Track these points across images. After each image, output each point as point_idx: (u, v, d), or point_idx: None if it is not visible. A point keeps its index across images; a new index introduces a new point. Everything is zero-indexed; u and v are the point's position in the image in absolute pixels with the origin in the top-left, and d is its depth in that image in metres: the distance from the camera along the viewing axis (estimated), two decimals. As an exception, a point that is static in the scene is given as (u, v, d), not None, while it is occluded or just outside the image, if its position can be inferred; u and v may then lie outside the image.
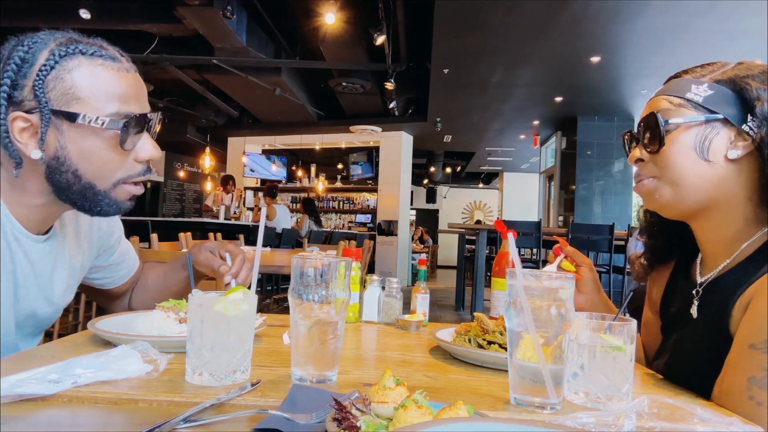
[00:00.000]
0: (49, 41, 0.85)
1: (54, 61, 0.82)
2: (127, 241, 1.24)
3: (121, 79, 0.87)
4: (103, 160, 0.86)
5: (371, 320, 1.26)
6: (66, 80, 0.82)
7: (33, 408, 0.58)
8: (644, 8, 4.66)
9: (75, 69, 0.83)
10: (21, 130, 0.82)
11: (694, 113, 0.83)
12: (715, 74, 0.84)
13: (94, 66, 0.85)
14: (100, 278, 1.17)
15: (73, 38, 0.87)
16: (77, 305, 2.68)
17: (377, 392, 0.56)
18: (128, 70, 0.89)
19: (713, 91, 0.82)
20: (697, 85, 0.84)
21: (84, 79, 0.83)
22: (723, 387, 0.75)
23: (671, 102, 0.85)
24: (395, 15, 5.75)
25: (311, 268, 0.74)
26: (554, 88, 7.17)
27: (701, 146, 0.82)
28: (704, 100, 0.82)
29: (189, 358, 0.72)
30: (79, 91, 0.83)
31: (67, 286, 1.02)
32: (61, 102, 0.82)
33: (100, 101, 0.84)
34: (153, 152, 0.91)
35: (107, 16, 5.73)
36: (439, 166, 13.83)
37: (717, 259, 0.87)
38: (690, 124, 0.83)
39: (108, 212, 0.91)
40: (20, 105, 0.82)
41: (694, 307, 0.88)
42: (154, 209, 12.35)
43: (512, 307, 0.70)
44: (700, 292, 0.88)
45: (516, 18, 5.02)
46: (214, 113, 9.84)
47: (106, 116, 0.84)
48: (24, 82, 0.81)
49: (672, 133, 0.84)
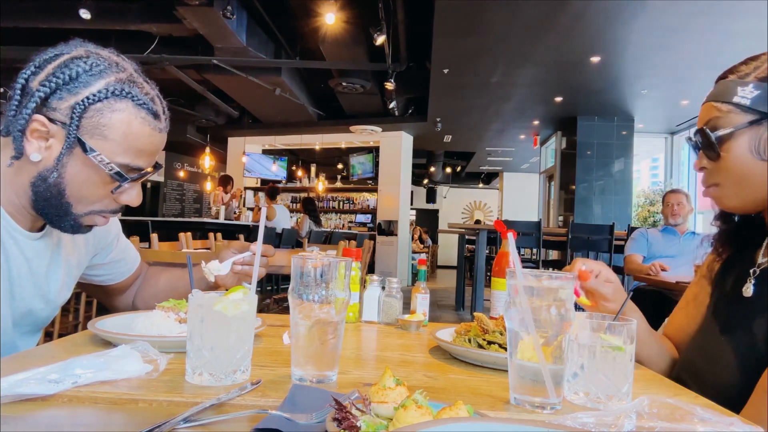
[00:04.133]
0: (110, 73, 0.86)
1: (105, 95, 0.83)
2: (126, 238, 1.24)
3: (151, 138, 0.90)
4: (91, 191, 0.88)
5: (371, 320, 1.26)
6: (105, 117, 0.84)
7: (33, 408, 0.58)
8: (644, 8, 4.66)
9: (118, 111, 0.85)
10: (33, 131, 0.83)
11: (743, 117, 0.83)
12: (760, 71, 0.84)
13: (136, 117, 0.87)
14: (101, 275, 1.18)
15: (133, 78, 0.88)
16: (77, 305, 2.68)
17: (377, 392, 0.56)
18: (162, 130, 0.92)
19: (759, 91, 0.82)
20: (742, 87, 0.84)
21: (120, 124, 0.85)
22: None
23: (720, 109, 0.86)
24: (395, 15, 5.75)
25: (311, 268, 0.74)
26: (554, 88, 7.17)
27: (757, 148, 0.83)
28: (752, 102, 0.82)
29: (189, 358, 0.72)
30: (110, 132, 0.85)
31: (64, 284, 1.02)
32: (90, 133, 0.84)
33: (121, 149, 0.86)
34: (134, 201, 0.93)
35: (107, 16, 5.73)
36: (439, 166, 13.83)
37: None
38: (742, 130, 0.83)
39: (65, 230, 0.92)
40: (50, 111, 0.83)
41: (748, 287, 0.88)
42: (154, 209, 12.35)
43: (512, 307, 0.70)
44: (757, 272, 0.88)
45: (516, 18, 5.02)
46: (214, 113, 9.83)
47: (116, 164, 0.86)
48: (67, 96, 0.83)
49: (726, 143, 0.85)
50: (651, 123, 8.39)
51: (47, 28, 5.95)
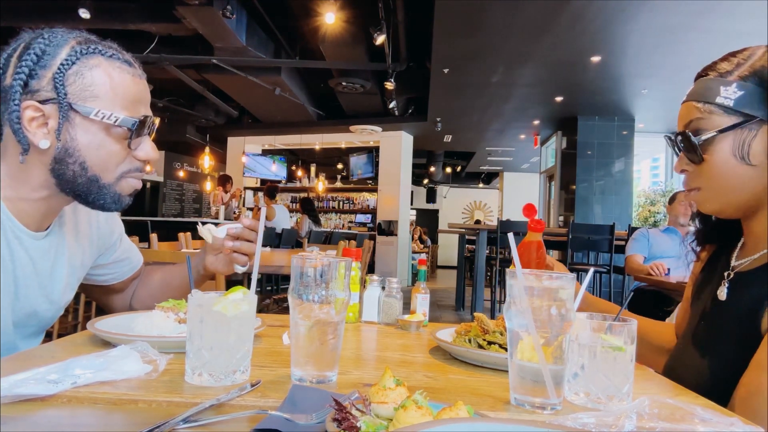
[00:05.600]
0: (69, 38, 0.87)
1: (75, 57, 0.85)
2: (129, 239, 1.24)
3: (135, 84, 0.91)
4: (108, 153, 0.89)
5: (371, 320, 1.26)
6: (86, 77, 0.85)
7: (33, 408, 0.58)
8: (644, 8, 4.66)
9: (95, 67, 0.86)
10: (31, 119, 0.84)
11: (726, 119, 0.80)
12: (743, 69, 0.81)
13: (112, 67, 0.88)
14: (104, 274, 1.18)
15: (90, 38, 0.90)
16: (77, 305, 2.68)
17: (377, 392, 0.56)
18: (140, 76, 0.94)
19: (743, 92, 0.79)
20: (725, 87, 0.80)
21: (103, 78, 0.87)
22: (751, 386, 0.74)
23: (702, 110, 0.83)
24: (395, 15, 5.75)
25: (311, 268, 0.74)
26: (554, 88, 7.17)
27: (741, 151, 0.80)
28: (735, 103, 0.79)
29: (189, 358, 0.72)
30: (98, 88, 0.86)
31: (67, 284, 1.02)
32: (79, 97, 0.85)
33: (116, 101, 0.88)
34: (152, 153, 0.95)
35: (107, 16, 5.73)
36: (439, 166, 13.83)
37: (757, 248, 0.86)
38: (726, 133, 0.80)
39: (109, 206, 0.93)
40: (35, 94, 0.84)
41: (723, 290, 0.87)
42: (154, 209, 12.35)
43: (512, 307, 0.70)
44: (731, 275, 0.87)
45: (516, 18, 5.02)
46: (214, 113, 9.83)
47: (119, 115, 0.87)
48: (43, 73, 0.83)
49: (709, 146, 0.82)
50: (651, 123, 8.38)
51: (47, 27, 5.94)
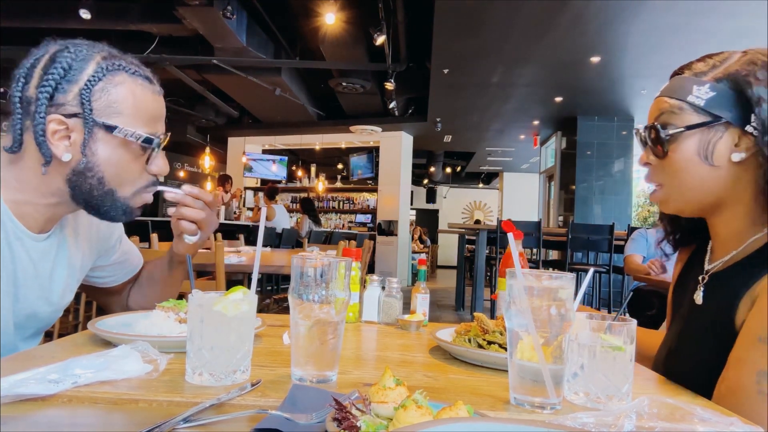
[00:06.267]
0: (93, 53, 0.89)
1: (102, 73, 0.87)
2: (129, 241, 1.24)
3: (154, 101, 0.94)
4: (127, 169, 0.92)
5: (371, 320, 1.26)
6: (111, 93, 0.88)
7: (33, 408, 0.58)
8: (644, 8, 4.66)
9: (119, 84, 0.89)
10: (54, 132, 0.85)
11: (696, 117, 0.81)
12: (717, 71, 0.82)
13: (135, 85, 0.91)
14: (103, 276, 1.18)
15: (114, 54, 0.92)
16: (77, 305, 2.68)
17: (377, 392, 0.56)
18: (159, 92, 0.96)
19: (715, 93, 0.80)
20: (698, 86, 0.81)
21: (126, 95, 0.89)
22: (729, 383, 0.74)
23: (673, 105, 0.84)
24: (395, 15, 5.75)
25: (311, 268, 0.74)
26: (554, 88, 7.17)
27: (705, 151, 0.81)
28: (706, 104, 0.80)
29: (189, 358, 0.72)
30: (120, 106, 0.88)
31: (66, 286, 1.02)
32: (104, 113, 0.87)
33: (137, 118, 0.90)
34: (164, 168, 0.98)
35: (107, 16, 5.73)
36: (439, 166, 13.82)
37: (726, 249, 0.86)
38: (693, 131, 0.81)
39: (119, 218, 0.95)
40: (60, 108, 0.85)
41: (698, 294, 0.87)
42: (154, 209, 12.33)
43: (512, 307, 0.70)
44: (705, 279, 0.88)
45: (516, 18, 5.02)
46: (214, 113, 9.83)
47: (141, 133, 0.90)
48: (69, 87, 0.85)
49: (675, 141, 0.83)
50: (651, 123, 8.36)
51: (47, 28, 5.94)
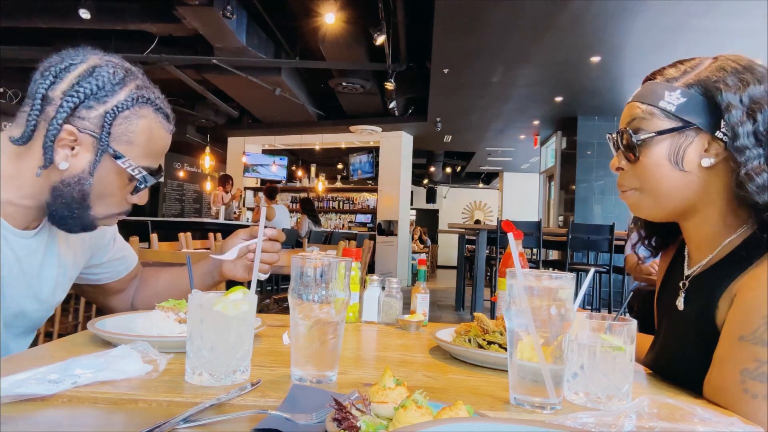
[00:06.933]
0: (130, 80, 0.90)
1: (131, 103, 0.88)
2: (123, 238, 1.23)
3: (164, 139, 0.96)
4: (112, 193, 0.93)
5: (371, 320, 1.26)
6: (132, 124, 0.89)
7: (33, 408, 0.58)
8: (644, 8, 4.66)
9: (142, 118, 0.90)
10: (60, 140, 0.85)
11: (666, 123, 0.82)
12: (689, 77, 0.83)
13: (155, 121, 0.93)
14: (98, 273, 1.17)
15: (146, 84, 0.94)
16: (77, 305, 2.68)
17: (377, 392, 0.56)
18: (171, 131, 0.98)
19: (686, 99, 0.81)
20: (670, 92, 0.83)
21: (144, 129, 0.91)
22: (714, 383, 0.75)
23: (644, 111, 0.85)
24: (395, 15, 5.74)
25: (311, 268, 0.74)
26: (554, 88, 7.17)
27: (675, 156, 0.82)
28: (677, 109, 0.81)
29: (189, 358, 0.72)
30: (135, 137, 0.90)
31: (57, 284, 1.01)
32: (118, 139, 0.89)
33: (144, 152, 0.92)
34: (144, 200, 0.99)
35: (107, 16, 5.73)
36: (439, 166, 13.82)
37: (702, 254, 0.87)
38: (664, 136, 0.83)
39: (76, 231, 0.95)
40: (78, 121, 0.86)
41: (680, 300, 0.88)
42: (154, 209, 12.34)
43: (512, 307, 0.70)
44: (686, 284, 0.88)
45: (516, 18, 5.02)
46: (214, 113, 9.83)
47: (142, 167, 0.92)
48: (96, 105, 0.86)
49: (645, 146, 0.84)
50: (651, 123, 8.37)
51: (47, 27, 5.95)
